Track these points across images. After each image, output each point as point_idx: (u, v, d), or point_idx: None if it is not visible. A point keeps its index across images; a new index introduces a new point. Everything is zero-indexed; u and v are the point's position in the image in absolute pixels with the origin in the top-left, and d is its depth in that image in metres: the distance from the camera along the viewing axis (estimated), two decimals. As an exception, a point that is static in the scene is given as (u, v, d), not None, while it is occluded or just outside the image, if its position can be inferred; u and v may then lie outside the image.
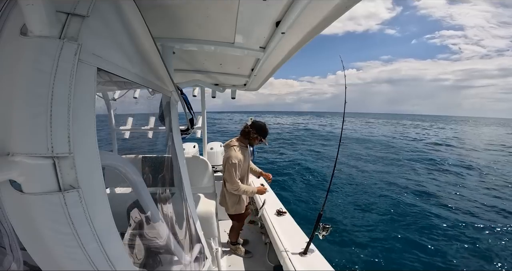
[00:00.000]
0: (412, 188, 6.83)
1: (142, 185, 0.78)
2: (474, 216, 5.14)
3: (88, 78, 0.43)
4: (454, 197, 6.32)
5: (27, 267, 0.66)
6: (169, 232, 0.93)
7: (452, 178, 8.24)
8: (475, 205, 5.79)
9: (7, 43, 0.41)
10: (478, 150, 14.90)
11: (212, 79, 2.36)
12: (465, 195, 6.40)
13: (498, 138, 25.01)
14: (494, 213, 5.33)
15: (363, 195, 6.25)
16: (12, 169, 0.36)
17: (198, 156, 2.46)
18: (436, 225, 4.71)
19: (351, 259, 3.68)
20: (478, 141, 20.08)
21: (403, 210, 5.38)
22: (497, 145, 18.34)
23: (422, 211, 5.33)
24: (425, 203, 5.82)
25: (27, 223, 0.39)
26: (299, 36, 1.08)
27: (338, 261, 3.58)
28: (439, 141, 17.88)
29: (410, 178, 7.99)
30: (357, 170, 8.71)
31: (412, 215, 5.15)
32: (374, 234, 4.37)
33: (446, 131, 28.96)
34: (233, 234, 2.52)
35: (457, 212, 5.34)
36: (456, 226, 4.70)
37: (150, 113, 2.48)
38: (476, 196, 6.33)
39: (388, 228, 4.60)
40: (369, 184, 7.19)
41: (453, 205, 5.68)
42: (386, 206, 5.54)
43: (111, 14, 0.52)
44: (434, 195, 6.33)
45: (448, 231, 4.52)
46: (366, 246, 4.02)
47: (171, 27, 1.08)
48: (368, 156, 11.61)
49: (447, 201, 5.97)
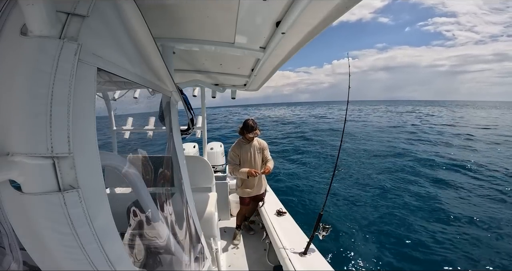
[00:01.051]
0: (419, 185, 6.81)
1: (142, 185, 0.78)
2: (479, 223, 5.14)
3: (88, 78, 0.43)
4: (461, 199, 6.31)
5: (26, 267, 0.66)
6: (169, 232, 0.93)
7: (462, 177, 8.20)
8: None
9: (7, 43, 0.41)
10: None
11: (212, 79, 2.36)
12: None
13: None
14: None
15: (363, 195, 6.25)
16: (11, 169, 0.36)
17: (198, 156, 2.47)
18: (439, 225, 4.71)
19: (351, 259, 3.68)
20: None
21: (405, 209, 5.38)
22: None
23: (426, 207, 5.33)
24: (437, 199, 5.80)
25: (27, 223, 0.39)
26: (299, 36, 1.08)
27: (338, 261, 3.58)
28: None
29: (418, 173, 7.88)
30: (360, 167, 8.69)
31: (413, 214, 5.15)
32: (375, 234, 4.37)
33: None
34: (237, 218, 2.95)
35: (460, 216, 5.34)
36: (454, 226, 4.71)
37: (151, 112, 2.49)
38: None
39: (388, 227, 4.60)
40: (370, 182, 7.19)
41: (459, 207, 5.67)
42: (386, 205, 5.54)
43: (111, 14, 0.52)
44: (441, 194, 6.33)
45: (448, 230, 4.53)
46: (366, 246, 4.02)
47: (171, 27, 1.08)
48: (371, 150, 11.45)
49: (453, 201, 5.97)
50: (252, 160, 2.66)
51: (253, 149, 2.66)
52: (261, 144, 2.73)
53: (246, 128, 2.56)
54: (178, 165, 1.10)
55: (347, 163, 9.36)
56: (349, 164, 9.23)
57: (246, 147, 2.64)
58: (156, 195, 0.92)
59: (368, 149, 11.67)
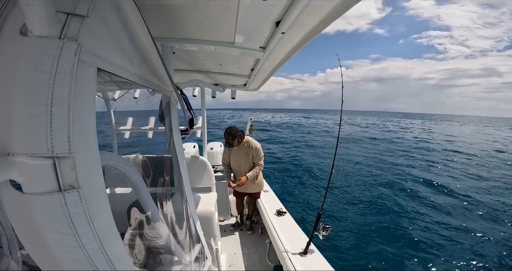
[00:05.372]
0: (413, 187, 6.84)
1: (142, 185, 0.78)
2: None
3: (88, 78, 0.43)
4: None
5: (26, 267, 0.66)
6: (169, 232, 0.93)
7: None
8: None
9: (7, 43, 0.41)
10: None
11: (212, 79, 2.36)
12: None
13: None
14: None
15: (363, 194, 6.25)
16: (12, 169, 0.36)
17: (198, 156, 2.47)
18: (438, 225, 4.71)
19: (351, 259, 3.68)
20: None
21: (405, 208, 5.38)
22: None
23: (424, 209, 5.34)
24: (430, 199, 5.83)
25: (27, 223, 0.39)
26: (299, 36, 1.08)
27: (338, 261, 3.58)
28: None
29: (411, 176, 8.00)
30: (355, 168, 8.73)
31: (413, 213, 5.16)
32: (375, 234, 4.37)
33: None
34: (236, 208, 3.14)
35: (457, 216, 5.36)
36: (453, 226, 4.71)
37: (150, 111, 2.49)
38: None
39: (388, 227, 4.60)
40: (369, 182, 7.19)
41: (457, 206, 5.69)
42: (387, 205, 5.54)
43: (111, 14, 0.52)
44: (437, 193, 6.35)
45: (448, 231, 4.53)
46: (366, 246, 4.02)
47: (171, 27, 1.08)
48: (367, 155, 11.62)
49: (451, 199, 5.98)
50: (240, 162, 2.73)
51: (242, 151, 2.70)
52: (251, 146, 2.70)
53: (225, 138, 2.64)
54: (178, 165, 1.09)
55: (344, 163, 9.41)
56: (346, 165, 9.26)
57: (235, 150, 2.71)
58: (156, 195, 0.92)
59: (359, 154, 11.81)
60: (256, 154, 2.70)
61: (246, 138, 2.72)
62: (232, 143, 2.56)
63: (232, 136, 2.53)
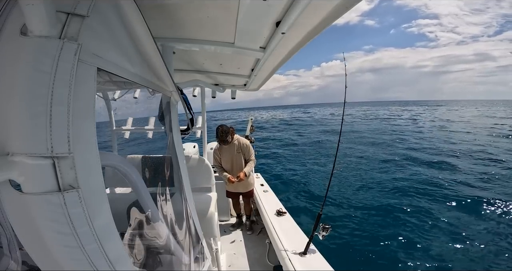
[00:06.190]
0: (415, 186, 6.82)
1: (142, 185, 0.78)
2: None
3: (88, 78, 0.43)
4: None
5: (26, 267, 0.66)
6: (169, 232, 0.93)
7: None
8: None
9: (7, 43, 0.41)
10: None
11: (212, 79, 2.37)
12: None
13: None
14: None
15: (363, 193, 6.25)
16: (12, 169, 0.36)
17: (198, 156, 2.47)
18: (438, 225, 4.71)
19: (351, 259, 3.67)
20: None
21: (405, 208, 5.38)
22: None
23: (425, 208, 5.33)
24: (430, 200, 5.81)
25: (27, 223, 0.39)
26: (299, 36, 1.09)
27: (338, 261, 3.58)
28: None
29: (412, 172, 7.93)
30: (357, 165, 8.71)
31: (414, 213, 5.15)
32: (375, 234, 4.36)
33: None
34: (234, 208, 3.19)
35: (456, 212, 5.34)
36: (453, 226, 4.71)
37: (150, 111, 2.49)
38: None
39: (388, 227, 4.60)
40: (370, 180, 7.18)
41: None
42: (387, 205, 5.53)
43: (111, 14, 0.52)
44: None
45: (448, 231, 4.52)
46: (367, 245, 4.01)
47: (171, 27, 1.08)
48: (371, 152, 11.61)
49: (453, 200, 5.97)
50: (231, 160, 2.78)
51: (233, 149, 2.74)
52: (241, 144, 2.77)
53: (216, 135, 2.67)
54: (178, 165, 1.09)
55: (345, 162, 9.39)
56: (347, 164, 9.24)
57: (226, 148, 2.75)
58: (156, 195, 0.92)
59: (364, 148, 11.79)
60: (247, 151, 2.78)
61: (235, 136, 2.78)
62: (227, 139, 2.62)
63: (225, 133, 2.60)
